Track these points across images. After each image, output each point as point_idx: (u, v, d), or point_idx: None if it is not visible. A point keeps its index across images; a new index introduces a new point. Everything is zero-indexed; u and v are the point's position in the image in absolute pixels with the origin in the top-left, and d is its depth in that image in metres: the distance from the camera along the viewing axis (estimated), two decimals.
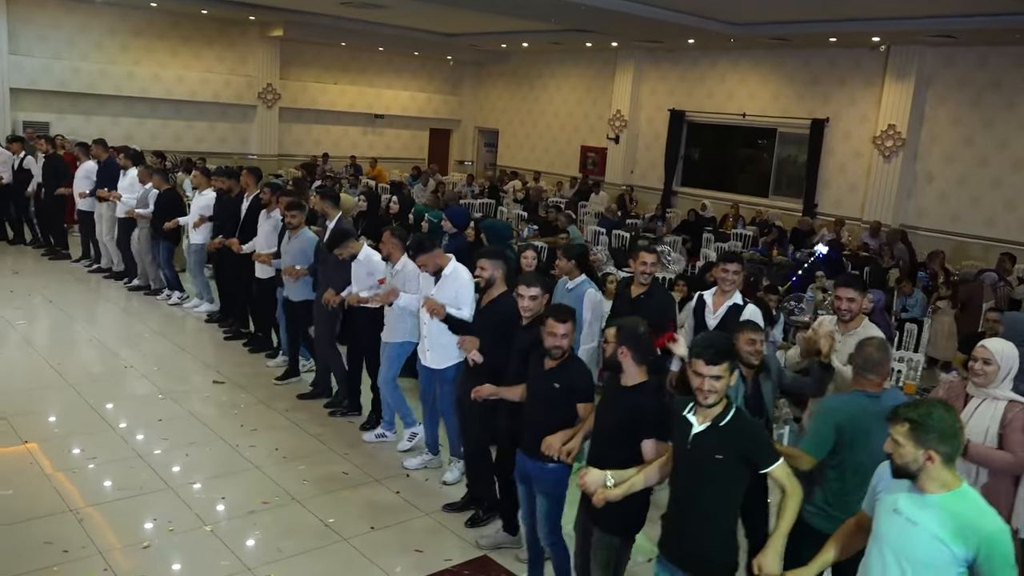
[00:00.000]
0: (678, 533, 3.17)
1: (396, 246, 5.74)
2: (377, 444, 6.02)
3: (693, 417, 3.08)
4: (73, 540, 4.44)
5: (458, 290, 5.17)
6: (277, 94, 18.54)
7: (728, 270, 4.95)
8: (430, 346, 5.33)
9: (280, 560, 4.40)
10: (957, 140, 12.83)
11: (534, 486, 3.99)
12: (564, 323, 3.80)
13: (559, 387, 3.84)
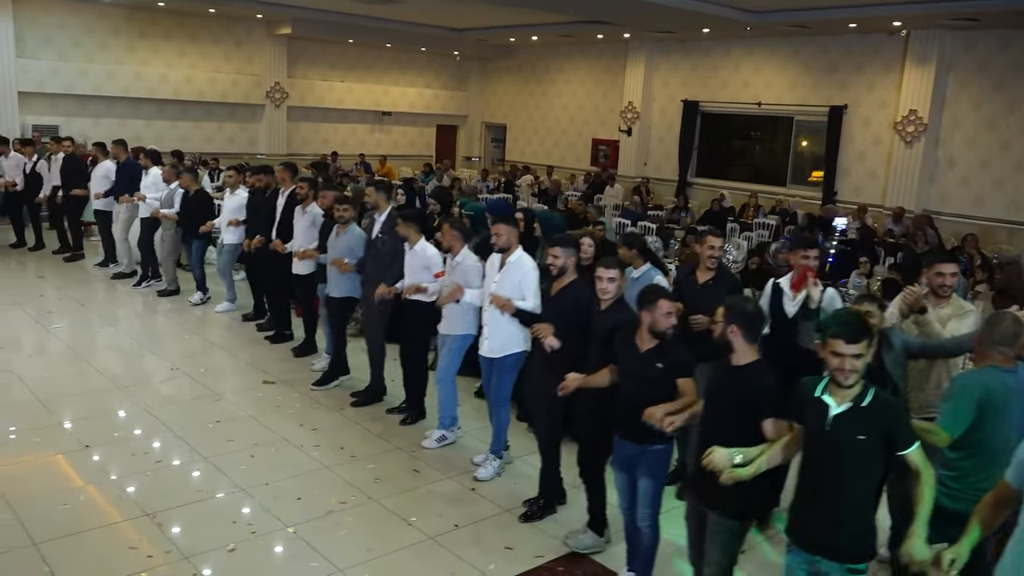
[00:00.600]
0: (817, 519, 3.07)
1: (456, 237, 5.62)
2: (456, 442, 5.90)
3: (830, 398, 2.99)
4: (156, 544, 4.32)
5: (523, 277, 5.08)
6: (285, 93, 18.36)
7: (809, 256, 4.86)
8: (489, 335, 5.24)
9: (371, 560, 4.29)
10: (979, 124, 12.78)
11: (637, 470, 3.92)
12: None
13: (662, 367, 3.76)
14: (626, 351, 3.92)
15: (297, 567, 4.21)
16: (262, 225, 8.02)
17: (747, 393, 3.34)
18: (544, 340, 4.60)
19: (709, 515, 3.48)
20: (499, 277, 5.14)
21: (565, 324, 4.62)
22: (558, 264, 4.72)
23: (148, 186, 9.71)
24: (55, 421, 5.84)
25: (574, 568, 4.36)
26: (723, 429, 3.38)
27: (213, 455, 5.42)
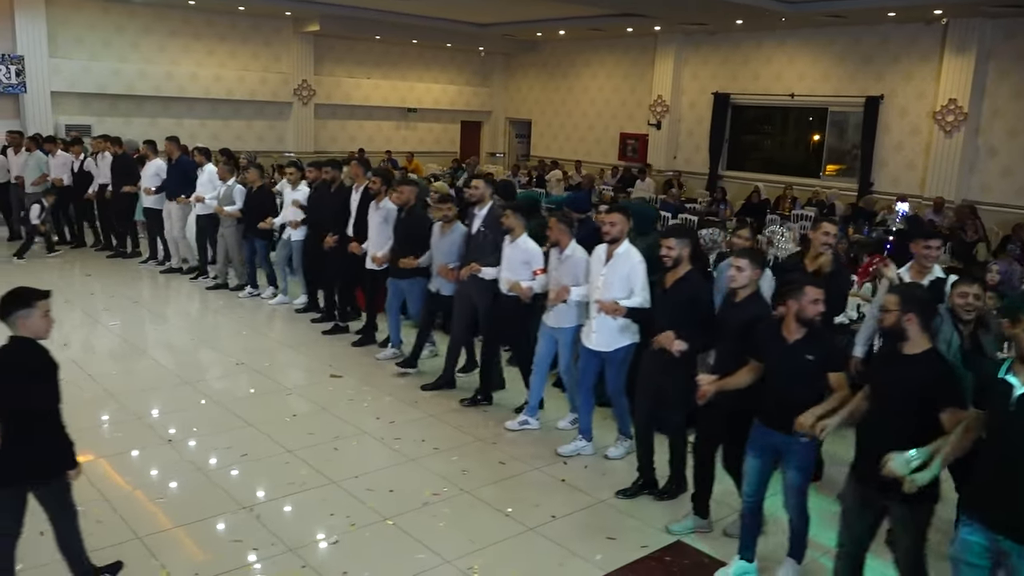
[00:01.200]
0: (1002, 499, 2.97)
1: (564, 231, 5.54)
2: (524, 431, 5.86)
3: (1014, 379, 2.92)
4: (259, 537, 4.29)
5: (631, 271, 5.03)
6: (312, 90, 18.35)
7: (931, 246, 4.79)
8: (597, 328, 5.19)
9: (476, 552, 4.26)
10: (1020, 113, 12.66)
11: (783, 460, 3.87)
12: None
13: (812, 359, 3.71)
14: (772, 343, 3.86)
15: (404, 559, 4.17)
16: (327, 219, 7.99)
17: (926, 383, 3.24)
18: (671, 348, 4.51)
19: (892, 507, 3.38)
20: (605, 270, 5.09)
21: (682, 317, 4.55)
22: (672, 255, 4.64)
23: (204, 183, 9.68)
24: (133, 417, 5.82)
25: (680, 557, 4.32)
26: (897, 422, 3.30)
27: (297, 448, 5.39)
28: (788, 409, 3.62)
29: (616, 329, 5.11)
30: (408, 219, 6.95)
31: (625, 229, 5.12)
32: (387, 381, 6.79)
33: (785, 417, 3.64)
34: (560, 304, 5.47)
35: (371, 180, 7.43)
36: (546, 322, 5.67)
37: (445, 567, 4.11)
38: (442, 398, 6.45)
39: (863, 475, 3.41)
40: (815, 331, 3.75)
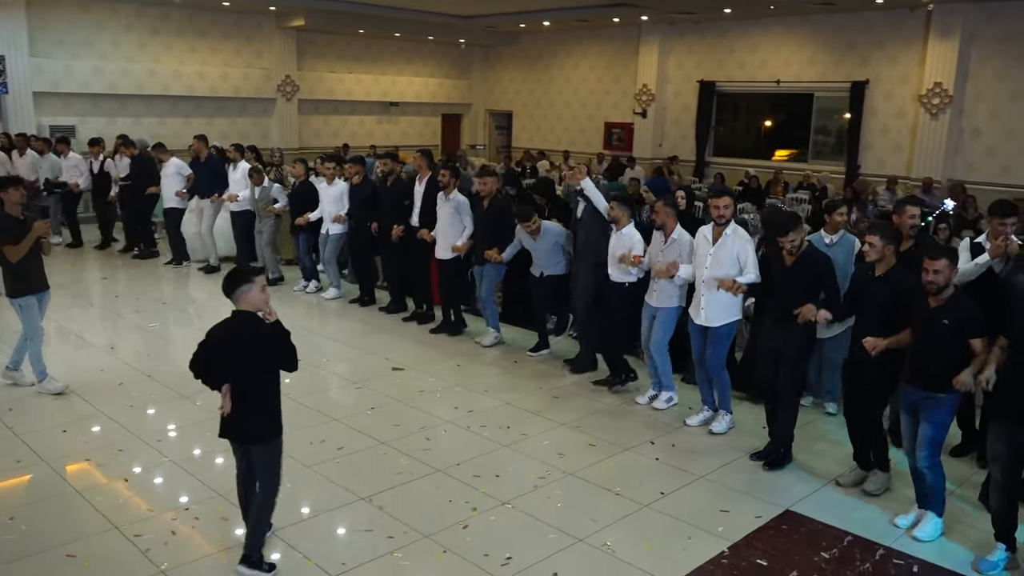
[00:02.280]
0: None
1: (671, 215, 5.81)
2: (604, 413, 6.00)
3: None
4: (388, 526, 4.35)
5: (740, 250, 5.32)
6: (296, 86, 18.17)
7: (1007, 223, 5.03)
8: (705, 304, 5.45)
9: (602, 529, 4.38)
10: (1003, 95, 13.17)
11: (922, 414, 4.21)
12: (937, 260, 4.05)
13: (948, 323, 4.01)
14: (920, 311, 4.23)
15: (537, 538, 4.27)
16: (387, 211, 8.19)
17: None
18: (814, 318, 4.80)
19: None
20: (713, 250, 5.36)
21: (808, 291, 4.91)
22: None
23: (237, 181, 9.68)
24: (212, 415, 5.79)
25: (796, 525, 4.51)
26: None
27: (390, 440, 5.45)
28: (929, 369, 4.00)
29: (723, 306, 5.38)
30: (492, 209, 7.09)
31: (731, 212, 5.37)
32: (450, 372, 6.87)
33: (927, 376, 4.02)
34: (664, 285, 5.72)
35: (441, 173, 7.52)
36: (649, 303, 5.92)
37: (580, 545, 4.23)
38: (509, 386, 6.56)
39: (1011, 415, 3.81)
40: (953, 299, 4.07)
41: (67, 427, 5.50)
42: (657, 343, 5.96)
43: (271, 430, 3.86)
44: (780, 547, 4.28)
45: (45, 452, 5.10)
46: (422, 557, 4.08)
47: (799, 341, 5.02)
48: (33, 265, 5.86)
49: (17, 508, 4.44)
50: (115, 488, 4.70)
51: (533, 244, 6.90)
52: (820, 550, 4.25)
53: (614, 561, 4.10)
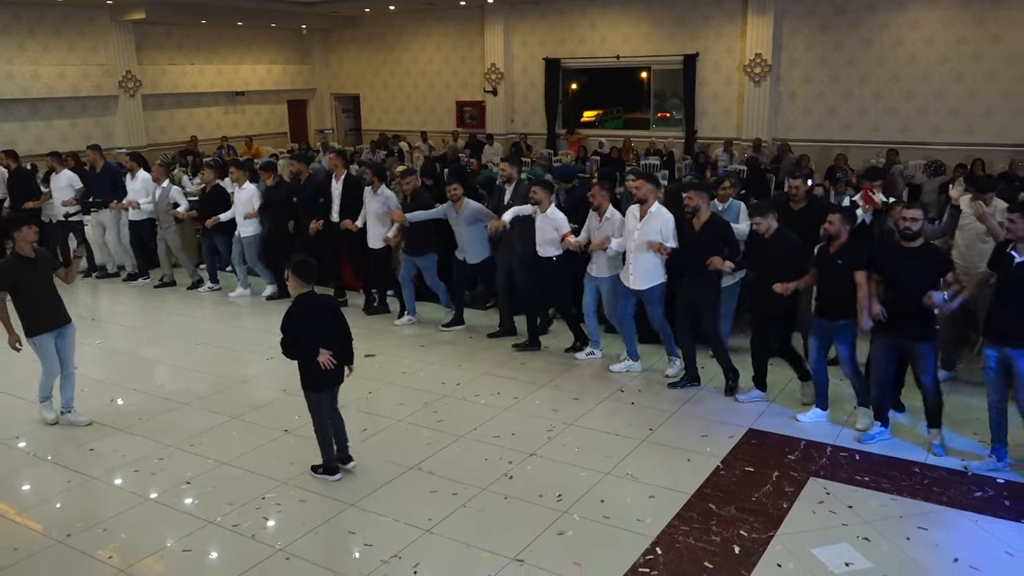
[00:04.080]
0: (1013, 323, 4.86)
1: (605, 197, 6.75)
2: (571, 371, 6.95)
3: (1014, 251, 4.80)
4: (446, 485, 5.08)
5: (663, 225, 6.33)
6: (138, 81, 17.54)
7: (874, 186, 6.40)
8: (634, 271, 6.47)
9: (619, 463, 5.34)
10: (812, 62, 15.25)
11: (834, 338, 5.66)
12: (834, 215, 5.51)
13: (841, 263, 5.42)
14: (821, 255, 5.59)
15: (574, 477, 5.14)
16: (307, 208, 8.68)
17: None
18: (722, 267, 6.02)
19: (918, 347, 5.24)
20: (640, 225, 6.36)
21: (714, 250, 6.05)
22: (692, 205, 6.14)
23: (138, 190, 9.67)
24: (292, 423, 6.20)
25: (762, 439, 5.68)
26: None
27: (403, 417, 6.12)
28: (831, 302, 5.54)
29: (650, 271, 6.44)
30: (413, 203, 7.76)
31: (651, 193, 6.39)
32: (416, 351, 7.56)
33: (828, 308, 5.53)
34: (602, 257, 6.67)
35: (365, 172, 8.10)
36: (590, 273, 6.88)
37: (609, 477, 5.17)
38: (480, 359, 7.35)
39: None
40: (846, 245, 5.46)
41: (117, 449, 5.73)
42: (609, 313, 6.97)
43: (340, 377, 5.24)
44: (757, 456, 5.43)
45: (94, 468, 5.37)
46: (489, 505, 4.87)
47: (710, 290, 6.30)
48: (45, 301, 5.85)
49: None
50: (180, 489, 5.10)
51: (455, 218, 7.60)
52: (787, 454, 5.45)
53: (641, 485, 5.07)
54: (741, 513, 4.72)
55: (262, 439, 5.84)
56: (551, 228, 6.95)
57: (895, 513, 4.70)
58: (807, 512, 4.74)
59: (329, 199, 8.68)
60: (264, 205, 8.96)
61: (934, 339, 5.31)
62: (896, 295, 5.24)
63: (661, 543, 4.43)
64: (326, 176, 9.06)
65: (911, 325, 5.21)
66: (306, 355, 4.96)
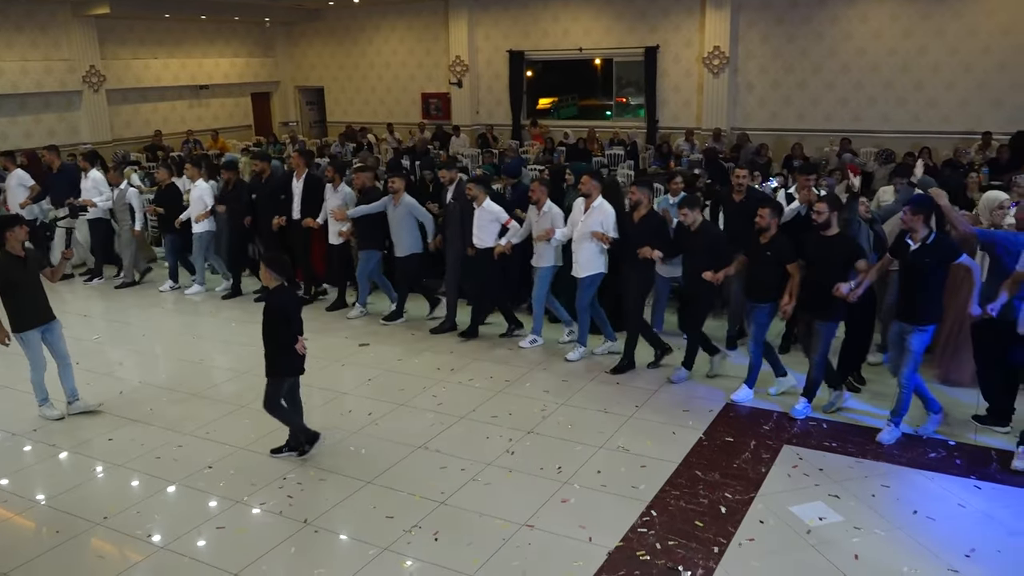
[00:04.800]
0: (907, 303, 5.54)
1: (545, 192, 7.21)
2: (558, 356, 7.40)
3: (911, 240, 5.40)
4: (455, 462, 5.50)
5: (605, 218, 6.89)
6: (102, 76, 17.48)
7: (810, 179, 7.01)
8: (577, 259, 7.03)
9: (611, 437, 5.81)
10: (768, 53, 15.88)
11: (753, 317, 6.27)
12: (764, 208, 6.03)
13: (770, 254, 5.98)
14: (752, 245, 6.14)
15: (570, 451, 5.59)
16: (267, 206, 9.04)
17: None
18: (651, 256, 6.55)
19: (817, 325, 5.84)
20: (584, 217, 6.91)
21: (652, 239, 6.59)
22: (634, 199, 6.69)
23: (89, 189, 9.90)
24: (237, 404, 6.53)
25: (739, 412, 6.20)
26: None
27: (405, 402, 6.51)
28: (756, 287, 6.17)
29: (591, 262, 6.99)
30: (364, 199, 8.27)
31: (594, 189, 6.95)
32: (408, 340, 7.95)
33: (754, 292, 6.17)
34: (544, 245, 7.20)
35: (327, 169, 8.72)
36: (533, 264, 7.41)
37: (602, 451, 5.63)
38: (468, 347, 7.77)
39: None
40: (774, 238, 6.01)
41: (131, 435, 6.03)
42: (537, 297, 7.47)
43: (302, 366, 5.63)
44: (736, 427, 5.95)
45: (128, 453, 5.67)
46: (496, 478, 5.30)
47: (642, 277, 6.85)
48: (32, 299, 6.10)
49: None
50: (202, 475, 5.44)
51: (392, 211, 8.01)
52: (762, 425, 5.98)
53: (632, 456, 5.55)
54: (724, 478, 5.23)
55: (272, 425, 6.15)
56: (488, 220, 7.49)
57: (861, 474, 5.25)
58: (783, 475, 5.26)
59: (290, 196, 8.98)
60: (218, 203, 9.27)
61: (835, 321, 5.93)
62: (811, 276, 5.84)
63: (655, 506, 4.91)
64: (286, 174, 9.32)
65: (818, 305, 5.80)
66: (291, 342, 5.33)
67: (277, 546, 4.60)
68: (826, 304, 5.74)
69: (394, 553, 4.51)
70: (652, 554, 4.44)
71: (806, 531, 4.63)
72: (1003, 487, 5.07)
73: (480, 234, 7.57)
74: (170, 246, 9.85)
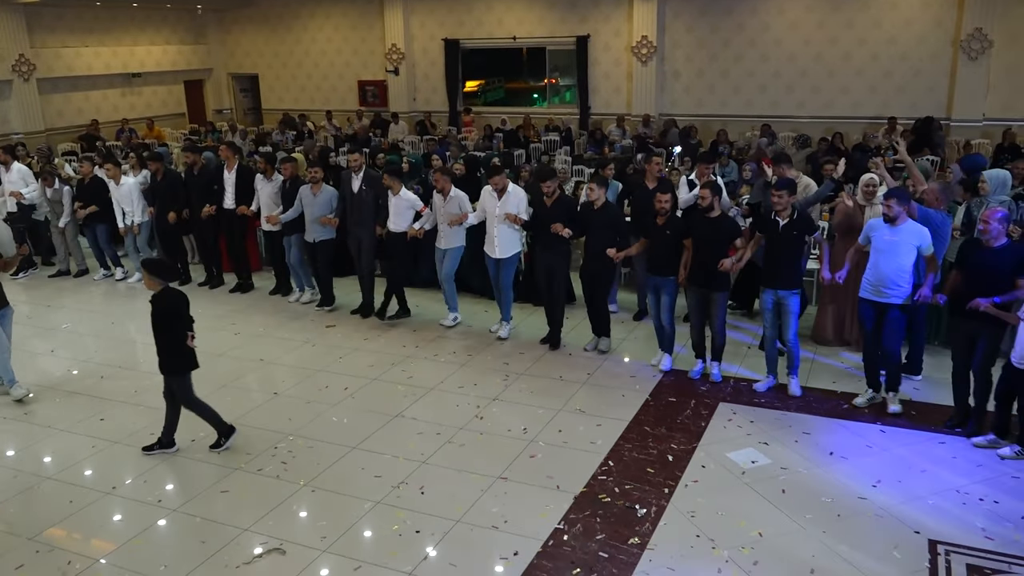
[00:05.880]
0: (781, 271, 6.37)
1: (447, 181, 7.96)
2: (514, 332, 8.05)
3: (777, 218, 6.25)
4: (431, 428, 6.10)
5: (519, 202, 7.68)
6: (32, 64, 17.24)
7: (710, 167, 7.85)
8: (499, 243, 7.72)
9: (570, 400, 6.50)
10: (693, 43, 16.74)
11: (662, 291, 6.96)
12: (665, 194, 6.73)
13: (669, 233, 6.71)
14: (652, 226, 6.90)
15: (533, 415, 6.25)
16: (200, 196, 9.46)
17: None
18: (561, 232, 7.20)
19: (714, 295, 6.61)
20: (500, 203, 7.64)
21: (564, 219, 7.28)
22: (550, 188, 7.37)
23: (15, 181, 10.20)
24: (280, 387, 6.97)
25: (680, 378, 6.96)
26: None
27: (377, 376, 7.07)
28: (664, 262, 6.87)
29: (509, 243, 7.75)
30: (292, 187, 8.83)
31: (505, 180, 7.70)
32: (363, 324, 8.48)
33: (662, 266, 6.92)
34: (450, 231, 7.91)
35: (259, 161, 9.36)
36: (439, 246, 8.07)
37: (562, 412, 6.31)
38: (423, 328, 8.35)
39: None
40: (671, 218, 6.81)
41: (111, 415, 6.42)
42: (446, 274, 8.13)
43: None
44: (677, 390, 6.72)
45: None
46: (469, 440, 5.92)
47: (561, 256, 7.51)
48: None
49: None
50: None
51: (311, 199, 8.53)
52: (699, 387, 6.76)
53: (589, 416, 6.25)
54: (670, 432, 5.98)
55: (255, 402, 6.68)
56: (405, 207, 8.18)
57: (785, 424, 6.07)
58: (720, 428, 6.04)
59: (222, 187, 9.43)
60: (152, 194, 9.74)
61: (726, 290, 6.78)
62: (699, 253, 6.61)
63: (612, 457, 5.62)
64: (219, 165, 9.74)
65: (709, 278, 6.54)
66: (183, 340, 5.56)
67: (280, 504, 5.14)
68: (717, 276, 6.53)
69: (387, 506, 5.10)
70: (612, 496, 5.15)
71: (741, 472, 5.41)
72: (903, 430, 5.95)
73: (395, 220, 8.24)
74: (92, 238, 10.24)
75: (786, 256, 6.33)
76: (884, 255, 6.01)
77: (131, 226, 9.77)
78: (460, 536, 4.78)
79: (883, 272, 5.99)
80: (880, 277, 6.01)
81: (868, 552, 4.54)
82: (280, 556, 4.63)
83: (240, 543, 4.76)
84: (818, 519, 4.86)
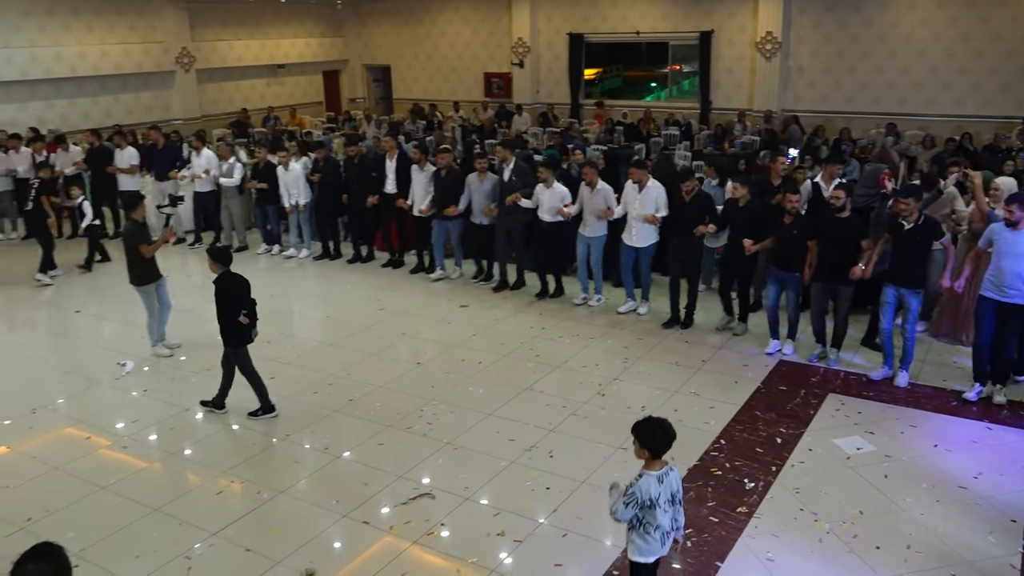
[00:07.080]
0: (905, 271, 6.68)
1: (595, 174, 8.58)
2: (628, 320, 8.63)
3: (903, 221, 6.58)
4: (525, 422, 6.79)
5: (658, 197, 8.21)
6: (192, 57, 18.88)
7: (838, 167, 8.20)
8: (636, 232, 8.34)
9: (685, 382, 7.04)
10: (819, 39, 16.71)
11: (786, 286, 7.45)
12: (795, 194, 7.22)
13: (797, 233, 7.18)
14: (777, 224, 7.32)
15: (651, 394, 6.85)
16: (363, 184, 10.45)
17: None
18: (705, 231, 7.90)
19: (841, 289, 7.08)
20: (640, 196, 8.24)
21: (700, 217, 7.90)
22: (688, 188, 7.95)
23: (201, 164, 11.50)
24: (336, 372, 7.86)
25: (792, 368, 7.37)
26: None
27: (510, 353, 7.80)
28: (792, 258, 7.32)
29: (647, 234, 8.33)
30: (448, 178, 9.57)
31: (645, 176, 8.27)
32: (494, 301, 9.22)
33: (791, 263, 7.32)
34: (593, 221, 8.57)
35: (414, 151, 10.22)
36: (583, 234, 8.74)
37: (678, 395, 6.86)
38: (547, 307, 9.03)
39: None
40: (797, 215, 7.36)
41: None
42: (595, 261, 8.77)
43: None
44: (788, 379, 7.13)
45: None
46: (592, 414, 6.55)
47: (696, 249, 8.20)
48: (151, 260, 7.77)
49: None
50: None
51: (479, 186, 9.34)
52: (810, 377, 7.16)
53: (703, 399, 6.77)
54: (779, 417, 6.44)
55: (404, 369, 7.53)
56: (558, 199, 8.83)
57: (892, 416, 6.42)
58: (828, 416, 6.45)
59: (382, 174, 10.33)
60: (319, 178, 10.77)
61: (853, 285, 7.08)
62: (828, 252, 7.03)
63: (723, 437, 6.15)
64: (376, 155, 10.72)
65: (838, 273, 6.98)
66: (237, 317, 6.31)
67: (428, 457, 5.93)
68: (845, 272, 6.94)
69: (519, 465, 5.81)
70: (723, 470, 5.69)
71: (846, 457, 5.83)
72: (1010, 428, 6.21)
73: (546, 210, 8.93)
74: (262, 215, 11.43)
75: (910, 257, 6.67)
76: (1007, 257, 6.30)
77: (297, 206, 10.84)
78: (585, 495, 5.43)
79: (1006, 273, 6.27)
80: (1002, 277, 6.29)
81: (963, 535, 4.92)
82: (430, 500, 5.40)
83: (395, 488, 5.56)
84: (917, 503, 5.25)
